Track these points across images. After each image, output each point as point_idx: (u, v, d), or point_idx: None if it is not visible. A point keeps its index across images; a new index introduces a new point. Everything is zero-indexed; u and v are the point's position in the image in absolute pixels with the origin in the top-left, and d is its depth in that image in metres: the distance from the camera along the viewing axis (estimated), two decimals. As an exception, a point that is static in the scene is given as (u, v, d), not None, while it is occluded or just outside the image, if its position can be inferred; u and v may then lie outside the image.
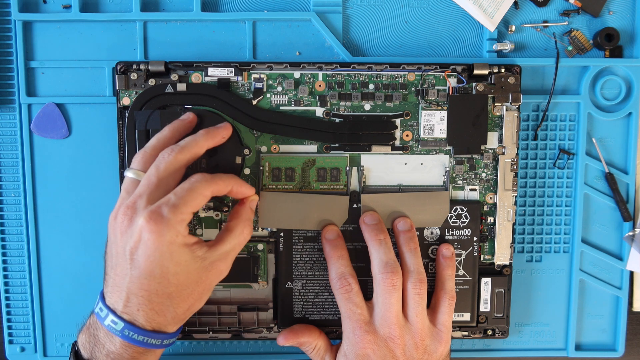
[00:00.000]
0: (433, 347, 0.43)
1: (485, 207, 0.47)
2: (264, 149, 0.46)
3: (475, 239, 0.46)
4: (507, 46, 0.47)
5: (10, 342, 0.50)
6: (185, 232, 0.38)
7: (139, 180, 0.39)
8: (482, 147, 0.46)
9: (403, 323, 0.43)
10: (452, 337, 0.47)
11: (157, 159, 0.39)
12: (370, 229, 0.44)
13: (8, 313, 0.49)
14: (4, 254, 0.49)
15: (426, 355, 0.43)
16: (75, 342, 0.41)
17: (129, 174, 0.40)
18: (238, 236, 0.41)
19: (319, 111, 0.46)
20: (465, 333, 0.48)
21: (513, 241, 0.47)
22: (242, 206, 0.43)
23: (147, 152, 0.40)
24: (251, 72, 0.46)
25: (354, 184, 0.46)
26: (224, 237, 0.41)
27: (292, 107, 0.46)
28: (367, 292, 0.45)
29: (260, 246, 0.46)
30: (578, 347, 0.51)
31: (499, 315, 0.48)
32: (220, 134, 0.43)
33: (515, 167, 0.46)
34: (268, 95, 0.46)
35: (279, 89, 0.46)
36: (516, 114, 0.46)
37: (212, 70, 0.45)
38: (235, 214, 0.42)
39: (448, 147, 0.46)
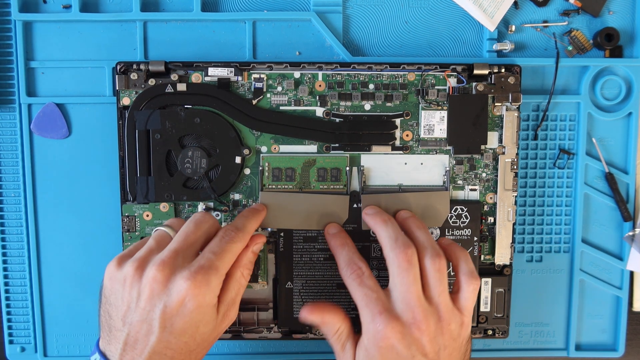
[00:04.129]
0: (457, 332, 0.39)
1: (486, 207, 0.47)
2: (264, 149, 0.46)
3: (475, 239, 0.46)
4: (507, 46, 0.47)
5: (11, 342, 0.50)
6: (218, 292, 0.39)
7: (170, 235, 0.40)
8: (482, 147, 0.46)
9: (426, 305, 0.39)
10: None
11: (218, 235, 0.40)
12: (374, 215, 0.43)
13: (8, 313, 0.49)
14: (4, 254, 0.49)
15: (451, 340, 0.39)
16: None
17: (163, 228, 0.41)
18: (238, 280, 0.40)
19: (319, 111, 0.46)
20: (466, 333, 0.48)
21: (513, 241, 0.47)
22: (244, 251, 0.41)
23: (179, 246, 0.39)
24: (251, 72, 0.46)
25: (354, 184, 0.46)
26: (226, 284, 0.40)
27: (292, 107, 0.46)
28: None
29: (260, 246, 0.46)
30: (578, 347, 0.51)
31: (499, 315, 0.48)
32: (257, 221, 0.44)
33: (515, 167, 0.46)
34: (268, 95, 0.46)
35: (279, 89, 0.46)
36: (516, 114, 0.46)
37: (212, 70, 0.45)
38: (236, 259, 0.41)
39: (448, 147, 0.46)
